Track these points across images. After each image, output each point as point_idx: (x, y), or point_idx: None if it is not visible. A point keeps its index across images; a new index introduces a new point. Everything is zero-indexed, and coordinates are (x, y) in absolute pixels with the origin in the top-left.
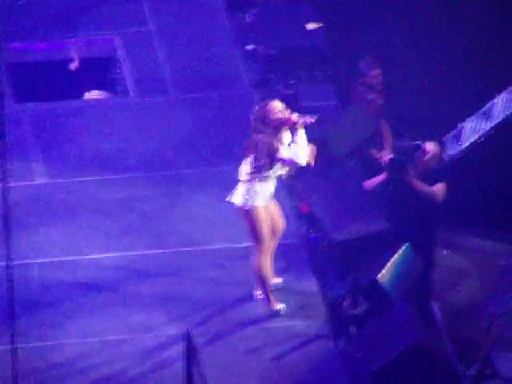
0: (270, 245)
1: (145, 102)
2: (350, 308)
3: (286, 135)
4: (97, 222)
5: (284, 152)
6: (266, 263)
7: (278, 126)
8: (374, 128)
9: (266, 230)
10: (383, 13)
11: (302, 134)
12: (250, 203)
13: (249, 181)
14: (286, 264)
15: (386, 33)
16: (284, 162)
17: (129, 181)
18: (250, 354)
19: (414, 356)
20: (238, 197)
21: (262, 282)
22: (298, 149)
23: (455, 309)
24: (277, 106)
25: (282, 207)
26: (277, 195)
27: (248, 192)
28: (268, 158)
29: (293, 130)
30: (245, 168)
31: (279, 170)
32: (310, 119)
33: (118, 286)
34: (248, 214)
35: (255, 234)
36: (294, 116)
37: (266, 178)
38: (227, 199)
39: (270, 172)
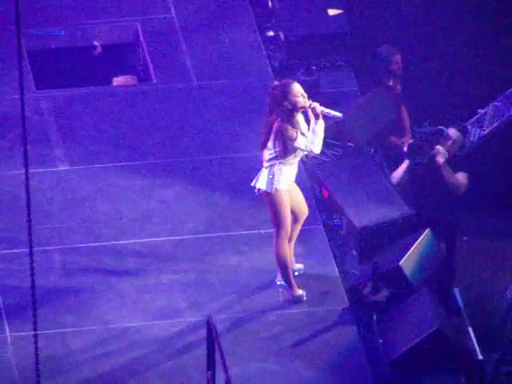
0: (290, 230)
1: (167, 89)
2: (371, 294)
3: (301, 120)
4: (117, 209)
5: (299, 141)
6: (287, 249)
7: (295, 109)
8: (395, 115)
9: (288, 214)
10: None
11: (320, 124)
12: (273, 187)
13: (271, 165)
14: (306, 250)
15: (408, 18)
16: (300, 149)
17: (149, 167)
18: (271, 340)
19: (435, 343)
20: (261, 181)
21: (284, 267)
22: (315, 139)
23: (477, 295)
24: (298, 90)
25: (303, 193)
26: (298, 181)
27: (271, 176)
28: (284, 144)
29: (313, 117)
30: (266, 153)
31: (299, 155)
32: (337, 114)
33: (138, 273)
34: (271, 199)
35: (277, 219)
36: (319, 107)
37: (287, 162)
38: (252, 184)
39: (290, 157)
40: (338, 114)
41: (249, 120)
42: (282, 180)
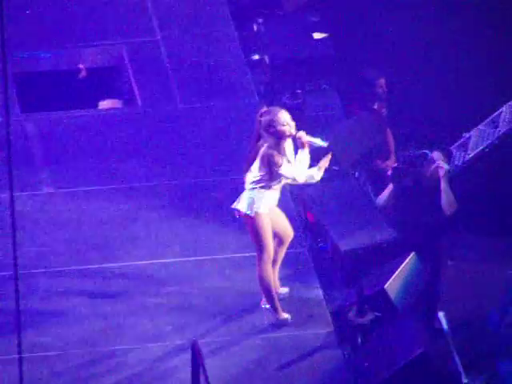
0: (272, 254)
1: (152, 112)
2: (356, 318)
3: (288, 147)
4: (102, 232)
5: (284, 168)
6: (270, 272)
7: (282, 137)
8: (380, 138)
9: (269, 238)
10: (389, 22)
11: (306, 153)
12: (254, 210)
13: (253, 188)
14: (291, 273)
15: (393, 42)
16: (284, 177)
17: (134, 190)
18: (256, 363)
19: (420, 367)
20: (242, 204)
21: (267, 291)
22: (299, 167)
23: (462, 319)
24: (286, 119)
25: (288, 216)
26: (282, 204)
27: (252, 199)
28: (269, 170)
29: (298, 146)
30: (249, 176)
31: (282, 180)
32: (322, 143)
33: (123, 296)
34: (252, 222)
35: (259, 243)
36: (304, 136)
37: (270, 187)
38: (232, 206)
39: (274, 182)
40: (324, 144)
41: (234, 143)
42: (262, 204)
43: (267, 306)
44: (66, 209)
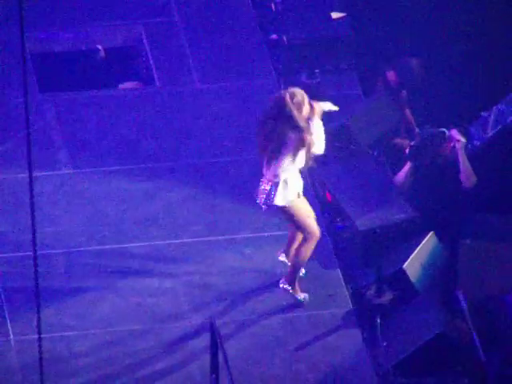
0: (317, 231)
1: (170, 92)
2: (375, 297)
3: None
4: (121, 212)
5: (316, 146)
6: (312, 250)
7: (310, 116)
8: (398, 117)
9: (305, 218)
10: (407, 2)
11: (319, 122)
12: (286, 201)
13: (277, 179)
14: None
15: (411, 21)
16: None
17: (153, 170)
18: (274, 343)
19: (439, 345)
20: (276, 197)
21: (297, 270)
22: (315, 138)
23: (480, 298)
24: (305, 96)
25: (306, 196)
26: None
27: (281, 190)
28: (295, 154)
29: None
30: (268, 168)
31: (300, 163)
32: (334, 108)
33: (142, 276)
34: (287, 212)
35: (299, 227)
36: (316, 105)
37: (292, 173)
38: (257, 201)
39: (295, 166)
40: (335, 108)
41: (252, 122)
42: (290, 192)
43: (286, 286)
44: (85, 189)
